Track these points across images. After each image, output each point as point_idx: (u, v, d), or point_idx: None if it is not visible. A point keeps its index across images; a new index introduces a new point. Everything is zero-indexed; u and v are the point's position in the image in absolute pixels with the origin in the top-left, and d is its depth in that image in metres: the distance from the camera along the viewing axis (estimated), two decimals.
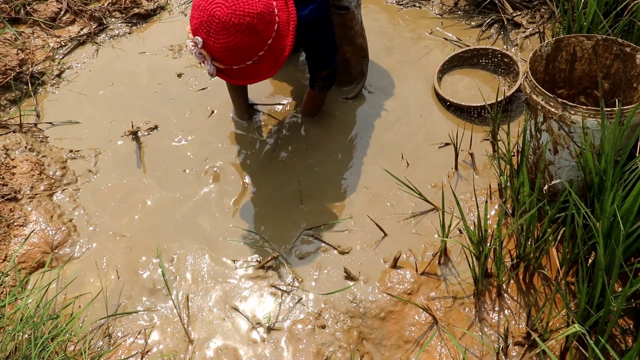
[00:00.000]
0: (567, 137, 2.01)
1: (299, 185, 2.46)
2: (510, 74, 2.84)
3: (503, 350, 1.93)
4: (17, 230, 2.34)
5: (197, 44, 1.92)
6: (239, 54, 1.94)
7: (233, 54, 1.94)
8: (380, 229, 2.28)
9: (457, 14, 3.26)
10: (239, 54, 1.95)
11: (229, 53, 1.93)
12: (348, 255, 2.24)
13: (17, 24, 3.32)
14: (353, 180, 2.49)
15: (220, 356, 1.99)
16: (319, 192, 2.45)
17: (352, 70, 2.80)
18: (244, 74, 2.05)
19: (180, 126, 2.78)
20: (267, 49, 1.99)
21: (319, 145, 2.63)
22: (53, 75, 3.09)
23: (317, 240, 2.29)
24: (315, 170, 2.54)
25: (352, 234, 2.30)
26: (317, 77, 2.50)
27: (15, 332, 1.87)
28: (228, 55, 1.94)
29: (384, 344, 2.00)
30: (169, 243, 2.32)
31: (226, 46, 1.91)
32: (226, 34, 1.89)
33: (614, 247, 1.69)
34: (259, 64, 2.02)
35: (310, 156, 2.59)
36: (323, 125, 2.72)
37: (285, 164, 2.58)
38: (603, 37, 2.17)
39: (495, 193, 2.37)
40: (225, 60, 1.97)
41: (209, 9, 1.87)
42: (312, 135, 2.68)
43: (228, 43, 1.90)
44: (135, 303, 2.15)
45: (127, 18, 3.41)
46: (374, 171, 2.51)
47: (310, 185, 2.48)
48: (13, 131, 2.74)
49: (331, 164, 2.56)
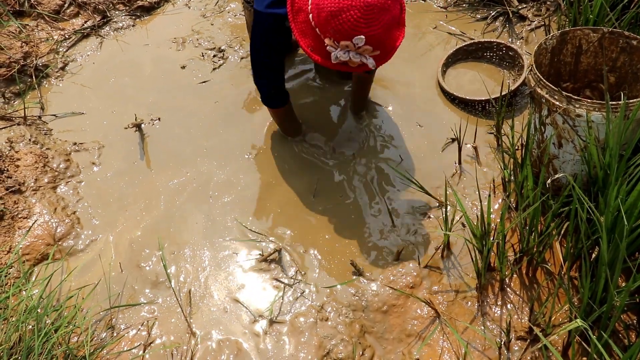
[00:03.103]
0: (571, 130, 2.00)
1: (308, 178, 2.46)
2: (515, 67, 2.82)
3: (505, 345, 1.92)
4: (21, 222, 2.35)
5: (355, 45, 1.87)
6: (393, 25, 1.91)
7: (391, 29, 1.91)
8: (391, 217, 2.28)
9: (461, 7, 3.24)
10: (394, 27, 1.92)
11: (388, 30, 1.89)
12: (351, 248, 2.23)
13: (21, 17, 3.32)
14: (356, 175, 2.48)
15: (223, 348, 2.00)
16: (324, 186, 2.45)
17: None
18: (386, 49, 1.98)
19: (183, 118, 2.78)
20: (399, 10, 1.97)
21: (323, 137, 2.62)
22: (57, 67, 3.10)
23: (321, 233, 2.29)
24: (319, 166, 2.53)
25: (355, 228, 2.30)
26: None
27: (19, 323, 1.88)
28: (389, 33, 1.91)
29: (386, 337, 2.00)
30: (172, 236, 2.33)
31: (387, 24, 1.87)
32: (384, 12, 1.84)
33: (618, 242, 1.68)
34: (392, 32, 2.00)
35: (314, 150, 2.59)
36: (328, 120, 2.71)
37: (289, 157, 2.58)
38: (609, 30, 2.16)
39: (499, 187, 2.37)
40: (386, 42, 1.92)
41: (358, 3, 1.81)
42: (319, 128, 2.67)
43: (388, 21, 1.86)
44: (138, 295, 2.16)
45: (131, 10, 3.41)
46: (377, 165, 2.50)
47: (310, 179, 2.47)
48: (17, 124, 2.75)
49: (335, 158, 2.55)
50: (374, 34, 1.85)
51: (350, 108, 2.74)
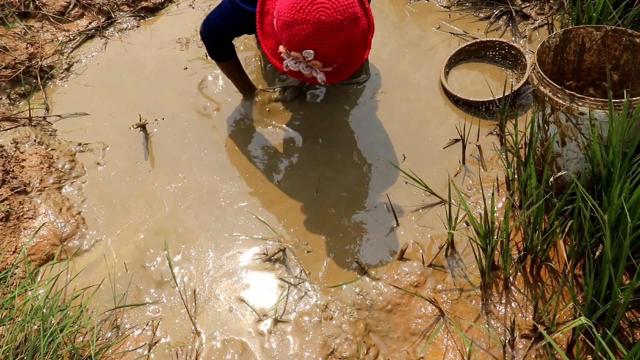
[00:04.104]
0: (574, 129, 2.00)
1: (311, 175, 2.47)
2: (517, 66, 2.82)
3: (509, 343, 1.92)
4: (27, 223, 2.36)
5: (305, 57, 1.89)
6: (348, 47, 1.93)
7: (344, 50, 1.92)
8: (395, 216, 2.29)
9: (464, 6, 3.24)
10: (349, 48, 1.93)
11: (341, 51, 1.91)
12: (356, 247, 2.24)
13: (26, 18, 3.33)
14: (361, 174, 2.49)
15: (227, 347, 2.00)
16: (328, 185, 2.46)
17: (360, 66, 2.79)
18: (345, 67, 2.03)
19: (187, 118, 2.79)
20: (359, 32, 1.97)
21: (328, 139, 2.62)
22: (62, 68, 3.11)
23: (325, 233, 2.29)
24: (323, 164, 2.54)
25: (359, 227, 2.30)
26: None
27: (24, 323, 1.89)
28: (341, 53, 1.92)
29: (391, 336, 2.00)
30: (177, 235, 2.33)
31: (339, 45, 1.89)
32: (336, 32, 1.86)
33: (621, 240, 1.68)
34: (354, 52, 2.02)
35: (318, 151, 2.59)
36: (332, 119, 2.72)
37: (295, 156, 2.58)
38: (612, 28, 2.15)
39: (503, 186, 2.37)
40: (336, 60, 1.94)
41: (311, 19, 1.84)
42: (323, 128, 2.68)
43: (341, 41, 1.88)
44: (143, 295, 2.16)
45: (135, 11, 3.42)
46: (381, 164, 2.51)
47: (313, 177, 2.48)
48: (22, 124, 2.76)
49: (339, 158, 2.56)
50: (325, 51, 1.88)
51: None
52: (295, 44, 1.89)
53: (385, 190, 2.40)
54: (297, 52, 1.90)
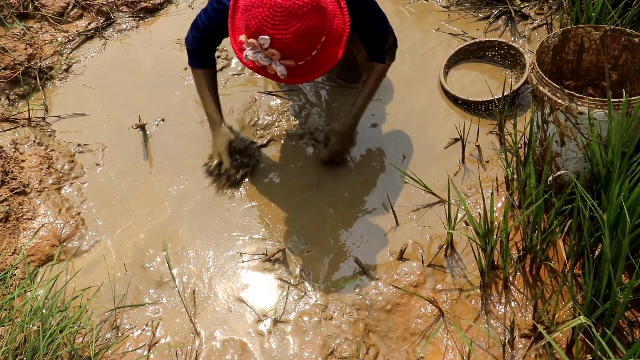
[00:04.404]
0: (574, 128, 2.00)
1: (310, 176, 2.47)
2: (517, 66, 2.82)
3: (509, 343, 1.93)
4: (26, 224, 2.36)
5: (262, 44, 1.80)
6: (309, 38, 1.81)
7: (304, 40, 1.81)
8: (394, 216, 2.29)
9: (464, 6, 3.24)
10: (309, 39, 1.82)
11: (300, 40, 1.80)
12: (355, 247, 2.24)
13: (25, 19, 3.33)
14: (360, 174, 2.49)
15: (227, 348, 2.00)
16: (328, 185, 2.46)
17: (360, 69, 2.78)
18: (311, 67, 1.93)
19: (186, 119, 2.79)
20: (328, 32, 1.89)
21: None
22: (61, 69, 3.11)
23: (325, 233, 2.29)
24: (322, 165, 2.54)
25: (359, 227, 2.30)
26: (386, 53, 2.37)
27: (24, 324, 1.89)
28: (300, 43, 1.81)
29: (390, 336, 2.01)
30: (176, 236, 2.33)
31: (297, 33, 1.78)
32: (294, 19, 1.76)
33: (621, 239, 1.68)
34: (323, 51, 1.91)
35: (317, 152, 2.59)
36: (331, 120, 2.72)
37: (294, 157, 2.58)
38: (611, 28, 2.16)
39: (502, 185, 2.37)
40: (296, 52, 1.83)
41: (267, 1, 1.75)
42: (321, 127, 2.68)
43: (298, 29, 1.77)
44: (143, 295, 2.16)
45: (134, 12, 3.42)
46: (381, 164, 2.51)
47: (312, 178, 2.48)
48: (22, 125, 2.76)
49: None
50: (280, 37, 1.78)
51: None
52: (251, 28, 1.80)
53: (384, 190, 2.41)
54: (254, 38, 1.81)
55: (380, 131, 2.64)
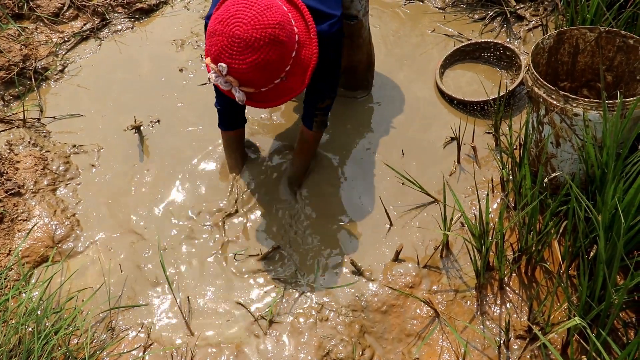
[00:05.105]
0: (569, 129, 2.00)
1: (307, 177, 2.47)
2: (512, 67, 2.82)
3: (504, 344, 1.93)
4: (21, 225, 2.35)
5: (221, 71, 1.82)
6: (267, 71, 1.83)
7: (261, 72, 1.82)
8: (388, 217, 2.29)
9: (459, 7, 3.25)
10: (267, 71, 1.83)
11: (257, 72, 1.82)
12: (351, 248, 2.24)
13: (20, 20, 3.32)
14: (356, 175, 2.49)
15: (222, 349, 2.00)
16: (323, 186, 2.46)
17: (359, 77, 2.78)
18: (275, 94, 1.94)
19: (182, 120, 2.79)
20: (293, 61, 1.90)
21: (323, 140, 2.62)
22: (56, 70, 3.10)
23: (320, 233, 2.29)
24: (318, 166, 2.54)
25: (354, 228, 2.30)
26: (316, 110, 2.33)
27: (18, 326, 1.88)
28: (257, 75, 1.83)
29: (386, 337, 2.01)
30: (172, 237, 2.33)
31: (253, 65, 1.79)
32: (250, 51, 1.78)
33: (615, 240, 1.69)
34: (287, 80, 1.92)
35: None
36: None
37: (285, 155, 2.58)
38: (606, 29, 2.16)
39: (498, 186, 2.37)
40: (255, 81, 1.85)
41: (227, 31, 1.78)
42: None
43: (254, 61, 1.79)
44: (138, 296, 2.16)
45: (130, 13, 3.42)
46: (376, 165, 2.51)
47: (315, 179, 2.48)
48: (17, 126, 2.75)
49: (334, 159, 2.56)
50: (237, 67, 1.80)
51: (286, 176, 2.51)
52: (212, 54, 1.83)
53: (380, 191, 2.41)
54: (214, 63, 1.84)
55: (375, 131, 2.65)
